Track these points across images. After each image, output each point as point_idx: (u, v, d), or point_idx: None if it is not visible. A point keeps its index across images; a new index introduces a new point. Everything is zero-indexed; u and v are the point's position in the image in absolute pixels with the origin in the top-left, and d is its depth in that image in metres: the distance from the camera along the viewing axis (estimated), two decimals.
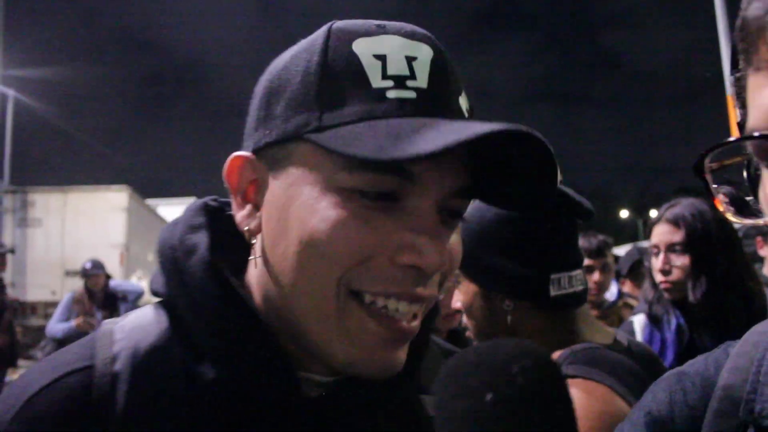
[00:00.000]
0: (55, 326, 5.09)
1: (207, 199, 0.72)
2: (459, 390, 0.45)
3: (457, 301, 1.33)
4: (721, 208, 0.53)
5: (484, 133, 0.48)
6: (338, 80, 0.57)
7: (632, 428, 0.67)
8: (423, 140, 0.49)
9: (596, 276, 2.78)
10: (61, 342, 4.94)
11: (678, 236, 1.84)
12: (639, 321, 1.97)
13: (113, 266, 13.84)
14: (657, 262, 1.90)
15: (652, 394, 0.68)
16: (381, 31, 0.59)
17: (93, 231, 13.57)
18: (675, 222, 1.85)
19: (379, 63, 0.56)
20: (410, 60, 0.57)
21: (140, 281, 8.24)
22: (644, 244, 3.33)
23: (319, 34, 0.61)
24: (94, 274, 5.23)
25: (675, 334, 1.86)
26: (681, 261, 1.85)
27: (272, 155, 0.61)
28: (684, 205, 1.90)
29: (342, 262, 0.55)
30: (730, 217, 0.52)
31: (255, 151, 0.63)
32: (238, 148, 0.64)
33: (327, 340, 0.57)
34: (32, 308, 13.77)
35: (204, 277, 0.61)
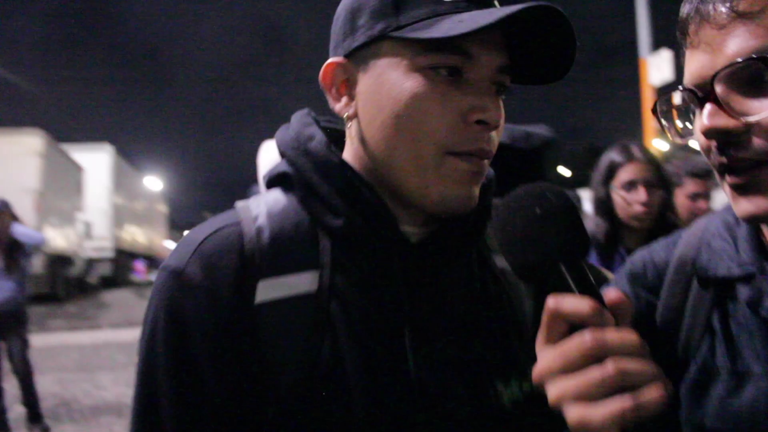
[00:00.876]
0: None
1: (305, 110, 0.92)
2: (517, 208, 0.66)
3: None
4: (669, 134, 0.78)
5: (513, 12, 0.70)
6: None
7: (617, 280, 0.93)
8: (473, 22, 0.70)
9: None
10: None
11: (652, 174, 2.08)
12: None
13: (26, 212, 13.29)
14: (638, 196, 2.06)
15: (630, 259, 0.94)
16: None
17: (4, 175, 12.93)
18: (649, 161, 2.11)
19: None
20: None
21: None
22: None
23: None
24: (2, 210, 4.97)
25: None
26: (658, 195, 2.08)
27: (361, 56, 0.80)
28: (642, 149, 2.16)
29: (431, 124, 0.75)
30: (676, 139, 0.77)
31: (346, 56, 0.81)
32: (156, 93, 0.85)
33: (424, 186, 0.77)
34: None
35: (326, 152, 0.82)
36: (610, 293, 0.61)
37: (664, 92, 0.81)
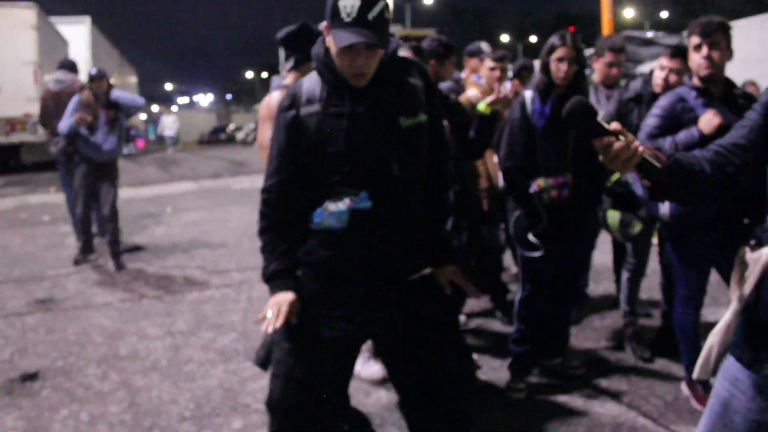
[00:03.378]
0: (62, 123, 5.90)
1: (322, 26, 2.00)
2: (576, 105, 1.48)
3: None
4: None
5: (352, 42, 1.71)
6: (335, 13, 1.74)
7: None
8: (346, 40, 1.72)
9: (497, 73, 4.42)
10: (69, 136, 5.95)
11: (573, 55, 3.04)
12: (528, 95, 3.35)
13: (27, 84, 14.05)
14: (563, 67, 3.00)
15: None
16: None
17: (3, 49, 13.51)
18: (573, 46, 3.02)
19: (343, 9, 1.71)
20: (352, 7, 1.76)
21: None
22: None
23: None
24: (98, 78, 6.05)
25: (549, 107, 3.10)
26: (574, 68, 3.05)
27: (328, 28, 1.82)
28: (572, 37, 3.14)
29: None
30: None
31: (327, 25, 1.82)
32: None
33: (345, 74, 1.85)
34: None
35: (323, 56, 1.89)
36: (614, 125, 1.44)
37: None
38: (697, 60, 2.84)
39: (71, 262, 6.26)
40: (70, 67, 7.21)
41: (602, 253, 4.75)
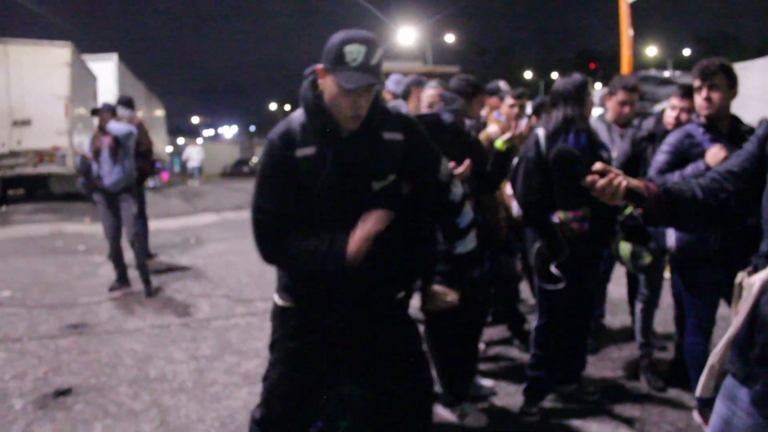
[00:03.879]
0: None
1: (307, 71, 2.16)
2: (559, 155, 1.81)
3: None
4: None
5: (361, 84, 1.91)
6: (339, 58, 1.92)
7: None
8: (352, 82, 1.90)
9: (516, 111, 4.62)
10: (85, 171, 6.45)
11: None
12: (541, 133, 3.36)
13: (59, 118, 14.53)
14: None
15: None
16: (351, 41, 1.91)
17: (37, 82, 14.00)
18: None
19: (350, 54, 1.89)
20: (358, 53, 1.95)
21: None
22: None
23: (334, 42, 1.94)
24: (100, 111, 6.27)
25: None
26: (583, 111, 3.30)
27: (327, 70, 1.97)
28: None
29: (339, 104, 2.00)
30: None
31: (322, 70, 1.98)
32: (144, 9, 2.31)
33: (341, 118, 2.01)
34: None
35: (310, 94, 2.04)
36: (596, 165, 1.65)
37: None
38: (698, 101, 3.02)
39: (104, 290, 6.47)
40: (127, 103, 7.79)
41: (618, 287, 4.86)
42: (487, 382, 3.73)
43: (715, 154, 2.94)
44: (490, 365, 4.13)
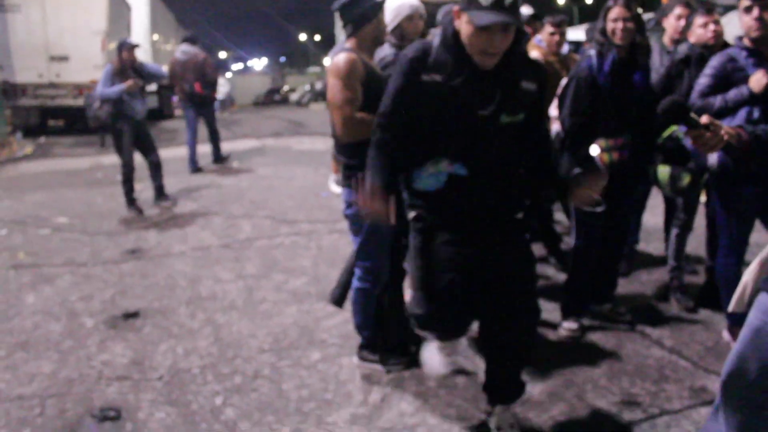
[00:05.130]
0: (108, 90, 6.48)
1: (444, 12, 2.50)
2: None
3: None
4: None
5: (494, 21, 1.97)
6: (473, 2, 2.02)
7: None
8: (486, 19, 1.96)
9: (557, 38, 4.62)
10: (116, 101, 6.56)
11: (628, 14, 3.14)
12: (593, 53, 3.25)
13: (95, 52, 14.67)
14: (617, 26, 3.14)
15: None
16: None
17: (74, 18, 14.07)
18: (626, 6, 3.13)
19: None
20: None
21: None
22: (581, 27, 5.12)
23: None
24: (130, 47, 6.62)
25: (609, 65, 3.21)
26: (630, 27, 3.18)
27: (460, 10, 2.07)
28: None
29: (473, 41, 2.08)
30: None
31: (460, 10, 2.07)
32: None
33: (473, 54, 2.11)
34: (23, 90, 14.60)
35: (450, 28, 2.14)
36: (703, 119, 1.80)
37: None
38: (747, 21, 2.97)
39: (149, 216, 6.81)
40: (192, 40, 9.68)
41: (655, 216, 4.94)
42: None
43: (758, 80, 2.95)
44: None
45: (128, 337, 3.75)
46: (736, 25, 3.26)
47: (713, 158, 3.18)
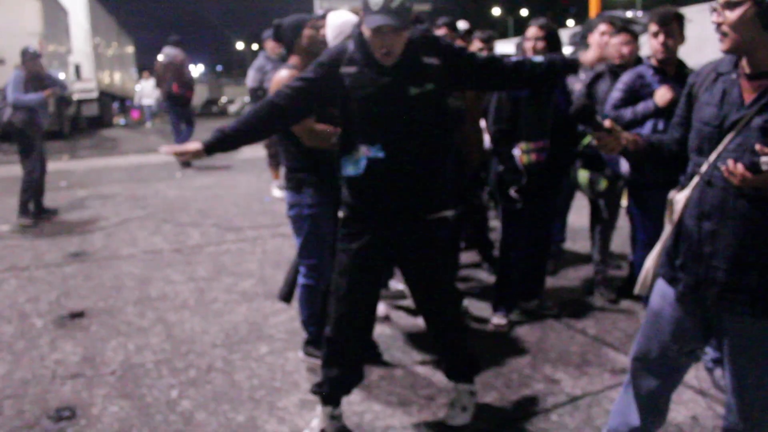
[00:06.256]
0: (25, 97, 6.44)
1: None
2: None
3: None
4: None
5: (378, 24, 2.19)
6: (366, 3, 2.19)
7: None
8: (373, 22, 2.18)
9: (485, 53, 4.93)
10: (31, 109, 6.54)
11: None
12: None
13: None
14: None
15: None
16: None
17: (9, 20, 13.75)
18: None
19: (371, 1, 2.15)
20: None
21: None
22: (514, 40, 5.35)
23: None
24: (33, 56, 6.59)
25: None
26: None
27: (363, 15, 2.32)
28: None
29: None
30: None
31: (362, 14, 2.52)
32: None
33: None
34: None
35: (357, 29, 2.38)
36: (606, 122, 2.00)
37: None
38: (654, 45, 3.37)
39: (94, 221, 6.80)
40: (176, 43, 10.38)
41: (580, 217, 5.30)
42: (400, 286, 4.18)
43: (662, 94, 3.34)
44: (461, 285, 4.57)
45: (77, 335, 3.83)
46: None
47: (625, 167, 3.56)
